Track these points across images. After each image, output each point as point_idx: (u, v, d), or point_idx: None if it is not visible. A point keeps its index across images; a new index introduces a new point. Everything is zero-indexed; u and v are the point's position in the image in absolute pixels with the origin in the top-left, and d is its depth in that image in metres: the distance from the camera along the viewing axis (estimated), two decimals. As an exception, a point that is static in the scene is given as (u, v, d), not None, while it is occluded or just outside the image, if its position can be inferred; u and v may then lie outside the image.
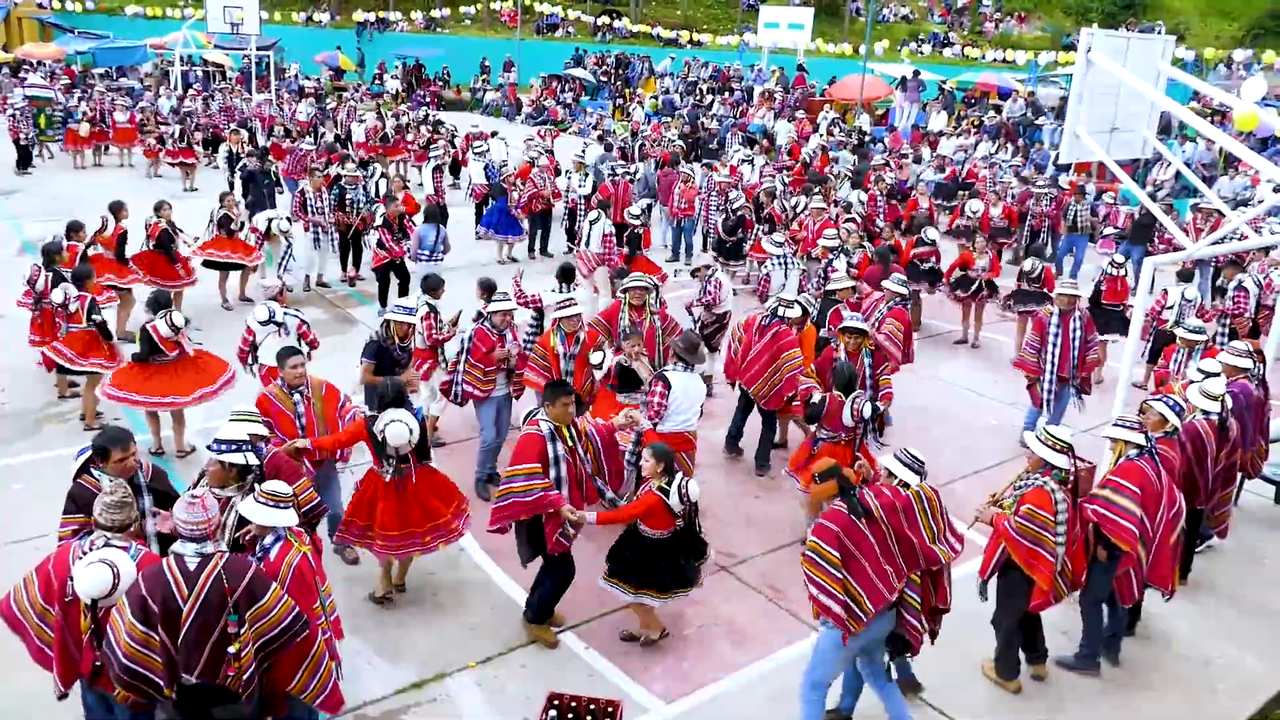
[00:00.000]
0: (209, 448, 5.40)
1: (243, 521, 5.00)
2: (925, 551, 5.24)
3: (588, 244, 12.39)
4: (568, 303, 8.12)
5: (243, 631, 4.26)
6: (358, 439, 6.44)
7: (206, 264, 12.30)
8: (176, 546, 4.35)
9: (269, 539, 4.84)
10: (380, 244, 12.32)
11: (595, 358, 7.86)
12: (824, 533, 5.09)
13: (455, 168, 19.68)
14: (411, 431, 6.06)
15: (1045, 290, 11.69)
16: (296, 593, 4.59)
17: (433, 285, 9.02)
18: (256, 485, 5.07)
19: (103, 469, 5.17)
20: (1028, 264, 12.04)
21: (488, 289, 8.86)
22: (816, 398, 7.52)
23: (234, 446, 5.29)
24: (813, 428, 7.59)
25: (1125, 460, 6.02)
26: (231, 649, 4.25)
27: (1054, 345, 9.05)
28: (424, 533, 6.34)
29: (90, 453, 5.23)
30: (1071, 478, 5.73)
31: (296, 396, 6.65)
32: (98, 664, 4.38)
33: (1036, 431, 5.88)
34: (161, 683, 4.26)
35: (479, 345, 7.89)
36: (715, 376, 10.08)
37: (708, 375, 10.23)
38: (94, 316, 8.92)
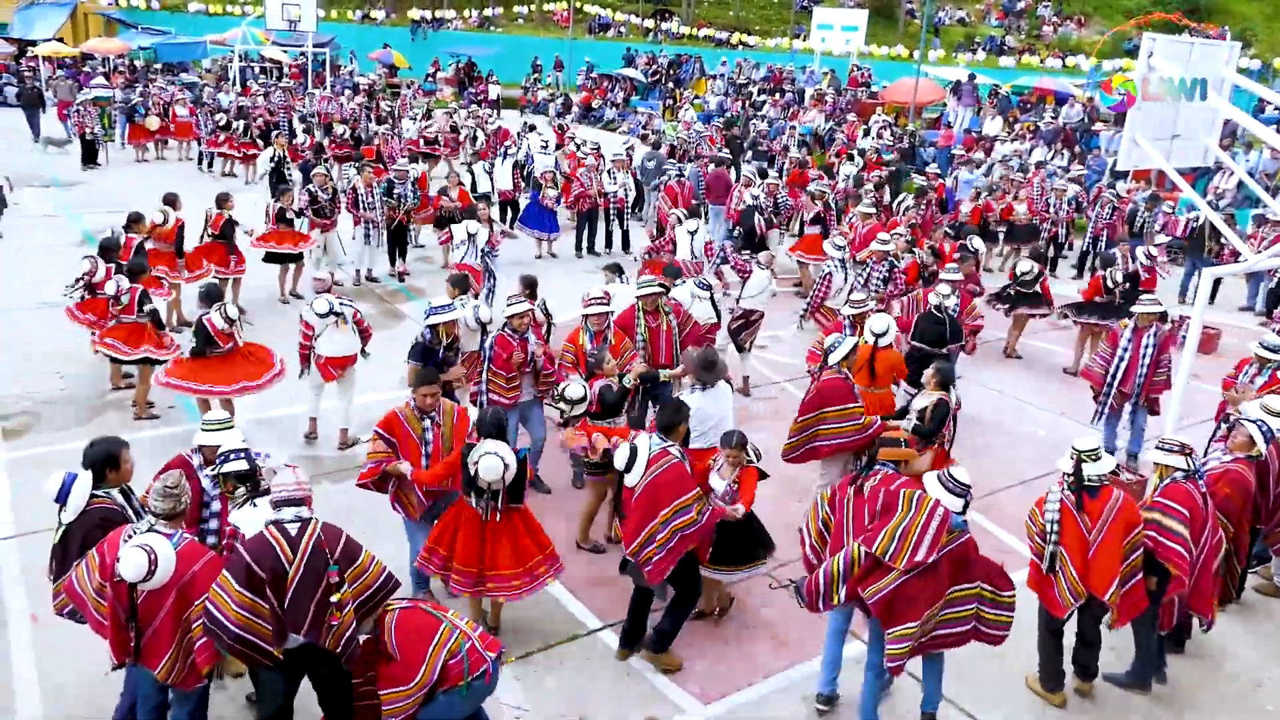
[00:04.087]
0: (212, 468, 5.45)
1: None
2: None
3: (691, 254, 11.80)
4: (595, 301, 8.03)
5: (344, 590, 4.55)
6: (455, 469, 5.99)
7: (267, 258, 12.49)
8: (273, 514, 4.61)
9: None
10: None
11: (574, 392, 7.10)
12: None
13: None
14: (507, 467, 5.65)
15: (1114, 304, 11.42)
16: None
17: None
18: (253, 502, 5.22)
19: (105, 483, 5.12)
20: (1118, 276, 11.50)
21: (530, 285, 8.90)
22: (907, 426, 7.32)
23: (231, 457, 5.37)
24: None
25: (1171, 483, 5.90)
26: (335, 598, 4.52)
27: (1121, 360, 8.88)
28: (512, 575, 5.89)
29: (86, 475, 5.09)
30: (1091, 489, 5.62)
31: (427, 422, 6.30)
32: (134, 643, 4.58)
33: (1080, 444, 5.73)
34: (269, 647, 4.53)
35: (499, 352, 7.65)
36: (751, 377, 9.98)
37: (745, 376, 10.22)
38: (145, 308, 9.08)
